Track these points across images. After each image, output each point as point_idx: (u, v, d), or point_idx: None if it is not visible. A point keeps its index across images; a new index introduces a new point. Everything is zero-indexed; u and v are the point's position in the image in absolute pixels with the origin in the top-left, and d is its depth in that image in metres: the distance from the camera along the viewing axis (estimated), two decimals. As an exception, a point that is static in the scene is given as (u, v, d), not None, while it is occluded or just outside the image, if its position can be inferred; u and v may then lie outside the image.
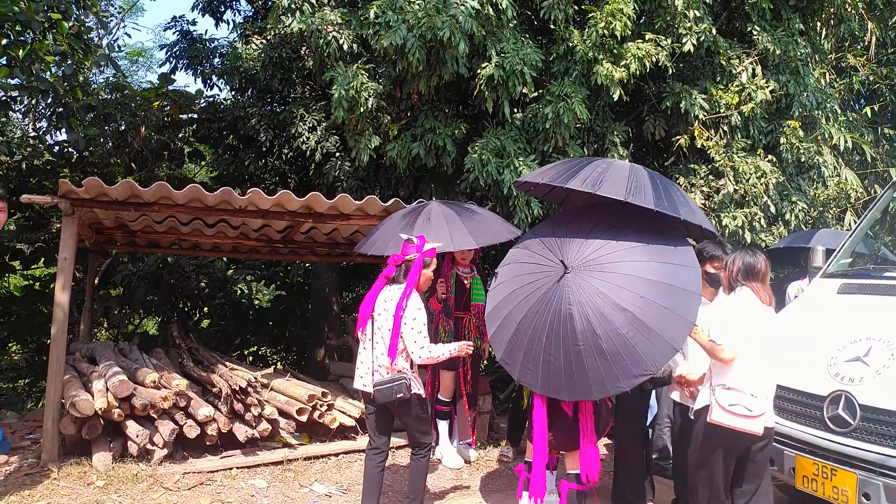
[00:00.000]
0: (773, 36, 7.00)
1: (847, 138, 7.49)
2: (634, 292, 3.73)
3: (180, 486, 5.03)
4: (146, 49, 18.40)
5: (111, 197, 5.51)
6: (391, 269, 4.29)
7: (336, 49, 6.61)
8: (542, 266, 4.05)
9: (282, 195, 5.70)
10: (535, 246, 4.24)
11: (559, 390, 3.84)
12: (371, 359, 4.21)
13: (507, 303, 4.12)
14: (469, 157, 6.33)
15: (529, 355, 3.91)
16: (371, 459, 4.35)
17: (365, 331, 4.26)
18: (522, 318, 3.97)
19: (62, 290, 5.48)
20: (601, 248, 3.94)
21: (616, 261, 3.86)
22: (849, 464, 3.77)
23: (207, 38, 10.02)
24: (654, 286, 3.74)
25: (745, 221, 6.75)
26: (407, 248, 4.31)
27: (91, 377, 5.70)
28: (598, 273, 3.84)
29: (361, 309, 4.31)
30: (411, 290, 4.15)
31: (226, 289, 10.46)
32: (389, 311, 4.15)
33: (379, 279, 4.37)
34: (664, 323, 3.65)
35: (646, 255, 3.86)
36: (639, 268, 3.81)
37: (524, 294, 4.02)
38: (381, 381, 4.12)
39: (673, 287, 3.74)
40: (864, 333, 4.11)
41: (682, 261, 3.84)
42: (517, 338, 3.97)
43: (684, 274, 3.78)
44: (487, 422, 6.49)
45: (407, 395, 4.11)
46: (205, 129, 9.65)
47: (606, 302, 3.74)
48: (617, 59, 6.35)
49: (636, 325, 3.66)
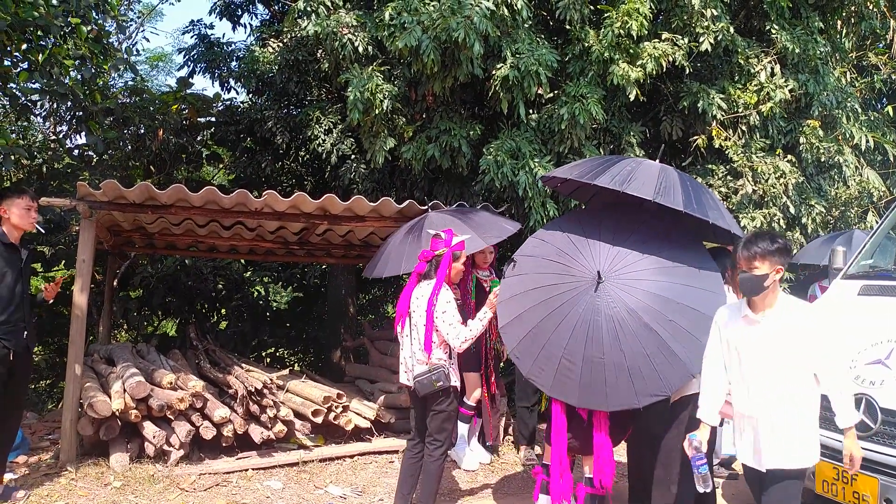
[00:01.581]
0: (792, 34, 6.91)
1: (868, 138, 7.38)
2: (663, 314, 3.75)
3: (196, 487, 5.05)
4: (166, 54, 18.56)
5: (128, 199, 5.57)
6: (422, 265, 4.45)
7: (351, 51, 6.62)
8: (571, 269, 3.99)
9: (297, 197, 5.72)
10: (562, 243, 4.15)
11: (570, 395, 3.82)
12: (410, 354, 4.40)
13: (528, 298, 4.04)
14: (484, 159, 6.31)
15: (545, 356, 3.88)
16: (410, 450, 4.54)
17: (403, 328, 4.43)
18: (545, 319, 3.91)
19: (81, 292, 5.53)
20: (634, 262, 3.91)
21: (648, 279, 3.86)
22: (870, 468, 3.70)
23: (225, 41, 10.12)
24: (683, 311, 3.77)
25: (764, 222, 6.67)
26: (436, 243, 4.46)
27: (109, 378, 5.75)
28: (630, 289, 3.83)
29: (398, 307, 4.49)
30: (441, 285, 4.30)
31: (243, 290, 10.51)
32: (422, 307, 4.31)
33: (412, 277, 4.53)
34: (687, 348, 3.69)
35: (677, 278, 3.86)
36: (672, 291, 3.82)
37: (549, 294, 3.96)
38: (421, 372, 4.29)
39: (699, 314, 3.74)
40: (886, 336, 4.04)
41: (709, 286, 3.86)
42: (536, 336, 3.93)
43: (711, 300, 3.78)
44: (501, 423, 6.46)
45: (447, 384, 4.27)
46: (222, 132, 9.72)
47: (636, 320, 3.75)
48: (633, 59, 6.30)
49: (661, 348, 3.69)
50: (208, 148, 10.46)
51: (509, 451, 6.23)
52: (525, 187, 6.10)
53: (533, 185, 6.12)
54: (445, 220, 5.31)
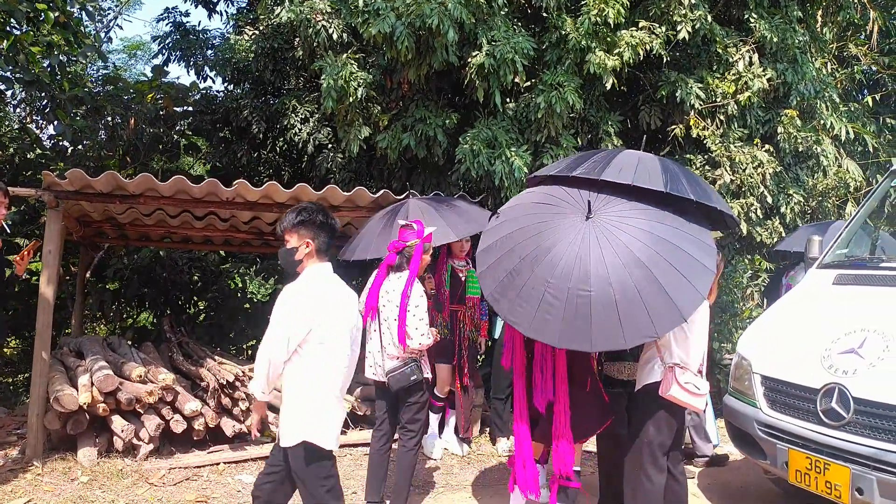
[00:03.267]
0: (771, 23, 6.88)
1: (848, 128, 7.37)
2: (656, 251, 3.52)
3: (166, 482, 4.97)
4: (144, 42, 18.26)
5: (95, 189, 5.45)
6: (392, 256, 4.32)
7: (325, 38, 6.53)
8: (559, 207, 3.79)
9: (269, 186, 5.62)
10: (551, 190, 3.99)
11: (550, 335, 3.51)
12: (378, 348, 4.30)
13: (511, 239, 3.79)
14: (460, 148, 6.24)
15: (527, 292, 3.57)
16: (377, 441, 4.48)
17: (373, 321, 4.33)
18: (529, 254, 3.64)
19: (47, 284, 5.42)
20: (629, 209, 3.73)
21: (642, 218, 3.66)
22: (842, 458, 3.69)
23: (200, 29, 9.97)
24: (676, 252, 3.54)
25: (742, 212, 6.65)
26: (406, 233, 4.33)
27: (77, 372, 5.63)
28: (623, 225, 3.62)
29: (367, 300, 4.35)
30: (415, 278, 4.22)
31: (220, 282, 10.39)
32: (394, 301, 4.22)
33: (380, 269, 4.38)
34: (678, 290, 3.44)
35: (672, 222, 3.68)
36: (664, 231, 3.62)
37: (535, 231, 3.72)
38: (394, 367, 4.22)
39: (692, 258, 3.54)
40: (859, 325, 4.02)
41: (703, 238, 3.69)
42: (518, 274, 3.63)
43: (704, 250, 3.61)
44: (479, 415, 6.42)
45: (420, 378, 4.24)
46: (199, 122, 9.58)
47: (627, 254, 3.51)
48: (610, 48, 6.24)
49: (652, 285, 3.44)
50: (185, 138, 10.32)
51: (486, 443, 6.19)
52: (502, 177, 6.03)
53: (510, 174, 6.05)
54: (424, 207, 5.25)
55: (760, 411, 4.27)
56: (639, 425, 3.84)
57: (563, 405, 3.84)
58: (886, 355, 3.74)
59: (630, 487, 3.82)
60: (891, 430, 3.55)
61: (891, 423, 3.56)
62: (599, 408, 4.02)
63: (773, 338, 4.56)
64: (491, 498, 4.91)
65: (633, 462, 3.80)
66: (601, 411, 4.02)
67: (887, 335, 3.84)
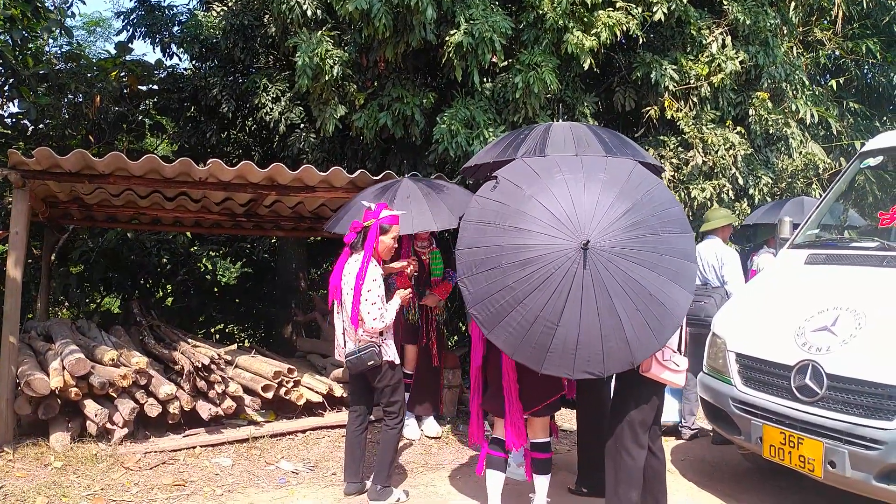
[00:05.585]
0: (744, 6, 6.95)
1: (813, 112, 7.50)
2: (635, 305, 3.45)
3: (142, 466, 4.90)
4: (104, 19, 17.69)
5: (64, 168, 5.30)
6: (351, 235, 4.30)
7: (299, 15, 6.40)
8: (553, 225, 3.55)
9: (243, 166, 5.52)
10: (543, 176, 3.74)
11: (504, 343, 3.48)
12: (341, 330, 4.31)
13: (502, 251, 3.56)
14: (438, 128, 6.20)
15: (497, 302, 3.48)
16: (352, 423, 4.50)
17: (338, 303, 4.30)
18: (520, 280, 3.46)
19: (14, 266, 5.27)
20: (620, 232, 3.55)
21: (632, 255, 3.51)
22: (815, 433, 3.79)
23: (166, 4, 9.70)
24: (652, 304, 3.48)
25: (714, 193, 6.75)
26: (366, 214, 4.31)
27: (47, 356, 5.50)
28: (611, 265, 3.47)
29: (331, 281, 4.33)
30: (370, 259, 4.18)
31: (189, 265, 10.22)
32: (350, 283, 4.19)
33: (345, 250, 4.38)
34: (640, 341, 3.44)
35: (661, 245, 3.56)
36: (647, 275, 3.49)
37: (529, 255, 3.51)
38: (351, 351, 4.21)
39: (665, 310, 3.49)
40: (832, 303, 4.12)
41: (685, 268, 3.59)
42: (509, 295, 3.48)
43: (682, 284, 3.55)
44: (457, 396, 6.44)
45: (378, 362, 4.19)
46: (165, 101, 9.35)
47: (605, 300, 3.43)
48: (587, 28, 6.24)
49: (618, 334, 3.42)
50: (151, 117, 10.06)
51: (463, 423, 6.22)
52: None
53: (487, 155, 6.03)
54: (413, 190, 5.20)
55: (735, 388, 4.36)
56: (620, 403, 3.89)
57: (512, 379, 3.88)
58: (858, 332, 3.85)
59: (611, 463, 3.87)
60: (862, 405, 3.66)
61: (862, 399, 3.67)
62: (548, 380, 3.90)
63: (748, 316, 4.65)
64: (469, 477, 4.95)
65: (614, 439, 3.85)
66: (551, 384, 3.95)
67: (859, 313, 3.95)
